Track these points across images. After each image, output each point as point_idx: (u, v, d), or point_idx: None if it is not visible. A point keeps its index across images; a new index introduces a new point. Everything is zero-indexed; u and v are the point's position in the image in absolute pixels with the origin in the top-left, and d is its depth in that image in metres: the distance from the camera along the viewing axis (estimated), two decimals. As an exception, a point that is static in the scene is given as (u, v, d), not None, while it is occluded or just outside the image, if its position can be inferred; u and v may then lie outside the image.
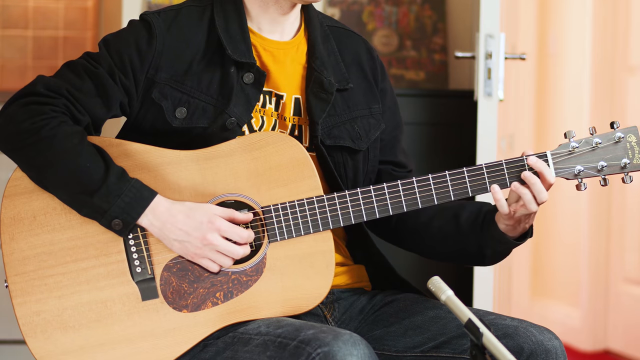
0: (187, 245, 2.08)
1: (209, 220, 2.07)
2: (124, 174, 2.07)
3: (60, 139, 2.07)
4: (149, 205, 2.06)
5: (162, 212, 2.07)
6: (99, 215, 2.06)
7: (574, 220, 5.08)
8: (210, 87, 2.19)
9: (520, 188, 2.12)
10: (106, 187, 2.04)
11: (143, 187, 2.07)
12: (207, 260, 2.09)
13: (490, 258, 2.24)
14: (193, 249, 2.08)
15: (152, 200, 2.06)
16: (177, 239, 2.08)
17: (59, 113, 2.10)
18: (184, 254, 2.09)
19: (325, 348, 1.93)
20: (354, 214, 2.14)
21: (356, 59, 2.33)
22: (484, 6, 3.46)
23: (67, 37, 4.37)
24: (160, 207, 2.07)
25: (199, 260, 2.09)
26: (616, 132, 2.16)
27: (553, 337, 2.12)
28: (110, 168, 2.06)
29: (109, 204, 2.04)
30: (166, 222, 2.07)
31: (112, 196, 2.04)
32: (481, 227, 2.21)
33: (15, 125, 2.09)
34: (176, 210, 2.08)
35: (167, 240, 2.08)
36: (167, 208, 2.07)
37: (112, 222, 2.06)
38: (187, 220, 2.07)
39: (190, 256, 2.09)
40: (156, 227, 2.07)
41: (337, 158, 2.25)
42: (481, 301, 3.47)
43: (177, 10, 2.23)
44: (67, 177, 2.07)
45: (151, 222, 2.07)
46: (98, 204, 2.05)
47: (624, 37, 4.87)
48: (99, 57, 2.18)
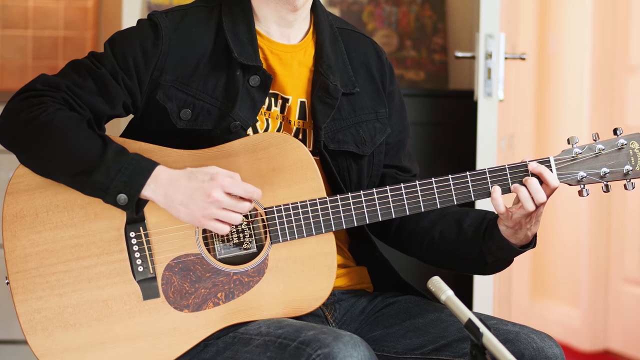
0: (193, 207, 2.04)
1: (210, 178, 2.04)
2: (123, 150, 2.06)
3: (57, 122, 2.06)
4: (150, 175, 2.04)
5: (164, 179, 2.05)
6: (102, 192, 2.04)
7: (574, 221, 5.08)
8: (215, 90, 2.19)
9: (518, 187, 2.12)
10: (106, 164, 2.03)
11: (143, 159, 2.05)
12: (215, 222, 2.05)
13: (490, 266, 2.23)
14: (199, 210, 2.04)
15: (153, 170, 2.04)
16: (182, 203, 2.05)
17: (56, 102, 2.10)
18: (191, 219, 2.05)
19: (326, 349, 1.93)
20: (357, 217, 2.14)
21: (364, 62, 2.32)
22: (484, 6, 3.46)
23: (67, 37, 4.37)
24: (162, 175, 2.05)
25: (208, 223, 2.05)
26: (619, 139, 2.16)
27: (554, 344, 2.11)
28: (108, 145, 2.05)
29: (110, 179, 2.03)
30: (169, 188, 2.04)
31: (112, 171, 2.03)
32: (483, 234, 2.21)
33: (13, 118, 2.09)
34: (178, 175, 2.05)
35: (173, 208, 2.05)
36: (169, 175, 2.05)
37: (117, 198, 2.04)
38: (189, 182, 2.04)
39: (198, 220, 2.05)
40: (160, 195, 2.05)
41: (341, 163, 2.25)
42: (481, 301, 3.47)
43: (184, 11, 2.23)
44: (66, 159, 2.06)
45: (154, 191, 2.05)
46: (100, 181, 2.03)
47: (624, 37, 4.87)
48: (103, 57, 2.17)
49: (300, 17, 2.26)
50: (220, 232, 2.06)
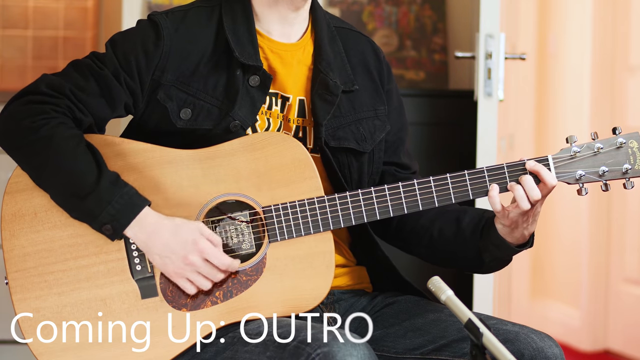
0: (168, 262, 2.06)
1: (193, 241, 2.05)
2: (118, 179, 2.06)
3: (58, 140, 2.06)
4: (136, 217, 2.04)
5: (149, 224, 2.05)
6: (90, 218, 2.05)
7: (574, 221, 5.08)
8: (216, 89, 2.19)
9: (514, 185, 2.12)
10: (98, 192, 2.03)
11: (136, 195, 2.05)
12: (185, 281, 2.07)
13: (487, 265, 2.23)
14: (173, 267, 2.06)
15: (141, 210, 2.04)
16: (159, 254, 2.06)
17: (59, 113, 2.10)
18: (163, 270, 2.07)
19: (325, 348, 1.93)
20: (355, 215, 2.14)
21: (362, 61, 2.33)
22: (484, 6, 3.46)
23: (67, 37, 4.37)
24: (147, 219, 2.05)
25: (178, 279, 2.07)
26: (618, 138, 2.16)
27: (554, 344, 2.11)
28: (103, 173, 2.05)
29: (100, 209, 2.03)
30: (151, 235, 2.05)
31: (103, 202, 2.03)
32: (481, 232, 2.21)
33: (15, 123, 2.09)
34: (163, 225, 2.06)
35: (149, 253, 2.07)
36: (155, 221, 2.05)
37: (102, 227, 2.05)
38: (172, 237, 2.05)
39: (169, 274, 2.07)
40: (140, 241, 2.06)
41: (342, 160, 2.25)
42: (481, 301, 3.47)
43: (185, 11, 2.23)
44: (61, 179, 2.06)
45: (136, 234, 2.05)
46: (89, 208, 2.04)
47: (624, 37, 4.87)
48: (105, 57, 2.18)
49: (301, 16, 2.26)
50: (188, 292, 2.08)
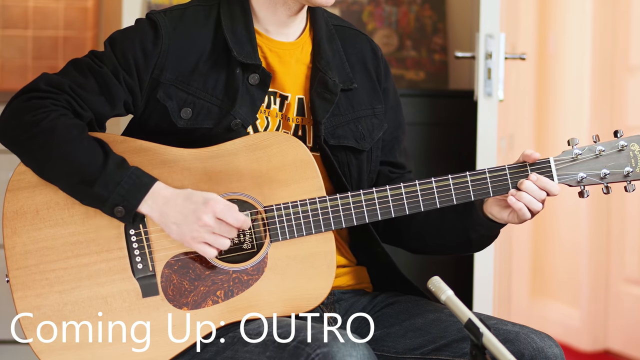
0: (184, 228, 2.06)
1: (204, 202, 2.06)
2: (124, 162, 2.07)
3: (60, 130, 2.07)
4: (148, 192, 2.06)
5: (162, 197, 2.07)
6: (100, 203, 2.06)
7: (574, 221, 5.08)
8: (215, 88, 2.19)
9: (515, 203, 2.13)
10: (105, 176, 2.04)
11: (143, 174, 2.07)
12: (204, 246, 2.07)
13: (476, 242, 2.26)
14: (189, 231, 2.06)
15: (151, 186, 2.06)
16: (175, 222, 2.07)
17: (59, 107, 2.11)
18: (181, 238, 2.08)
19: (325, 349, 1.93)
20: (356, 216, 2.15)
21: (361, 59, 2.33)
22: (484, 6, 3.46)
23: (67, 37, 4.37)
24: (160, 192, 2.07)
25: (197, 245, 2.07)
26: (620, 141, 2.17)
27: (554, 344, 2.11)
28: (109, 157, 2.06)
29: (109, 192, 2.04)
30: (165, 206, 2.06)
31: (111, 184, 2.04)
32: (464, 211, 2.23)
33: (16, 121, 2.10)
34: (175, 194, 2.07)
35: (166, 225, 2.08)
36: (167, 193, 2.07)
37: (114, 210, 2.06)
38: (185, 203, 2.06)
39: (188, 241, 2.08)
40: (156, 212, 2.07)
41: (342, 158, 2.25)
42: (481, 301, 3.47)
43: (183, 10, 2.23)
44: (67, 168, 2.07)
45: (151, 208, 2.07)
46: (98, 193, 2.05)
47: (624, 37, 4.87)
48: (104, 56, 2.18)
49: (298, 18, 2.26)
50: (207, 256, 2.09)
